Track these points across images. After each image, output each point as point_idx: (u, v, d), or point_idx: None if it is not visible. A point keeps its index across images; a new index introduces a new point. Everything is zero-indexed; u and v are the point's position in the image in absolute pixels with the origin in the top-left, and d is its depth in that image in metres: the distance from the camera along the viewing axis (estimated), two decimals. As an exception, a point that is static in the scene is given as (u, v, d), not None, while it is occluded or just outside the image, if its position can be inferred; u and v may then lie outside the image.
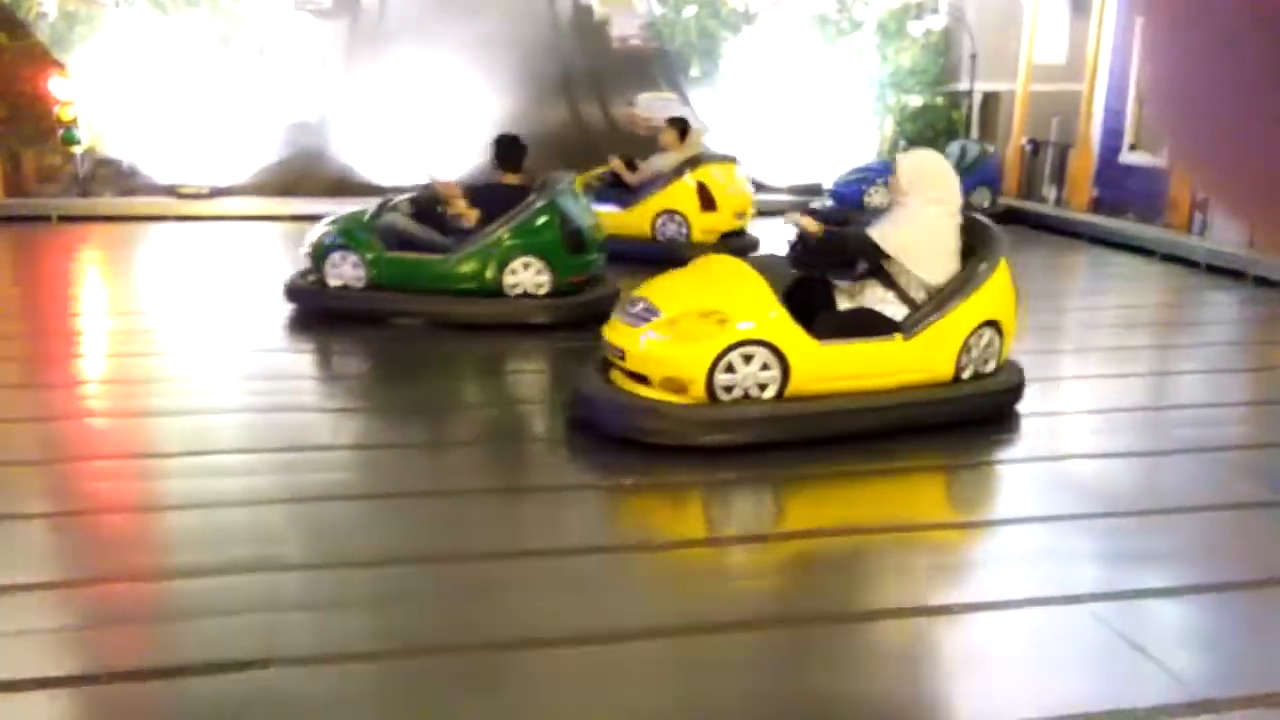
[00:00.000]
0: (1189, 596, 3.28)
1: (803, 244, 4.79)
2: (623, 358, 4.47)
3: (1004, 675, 2.84)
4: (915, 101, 13.73)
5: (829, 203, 11.81)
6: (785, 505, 4.18)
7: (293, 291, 6.82)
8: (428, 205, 6.94)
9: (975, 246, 4.81)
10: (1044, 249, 10.57)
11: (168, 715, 2.62)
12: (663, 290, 4.61)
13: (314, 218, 11.05)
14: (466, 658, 2.86)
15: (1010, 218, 12.01)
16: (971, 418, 4.75)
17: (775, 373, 4.33)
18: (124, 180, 11.63)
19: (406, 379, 5.65)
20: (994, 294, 4.76)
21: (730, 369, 4.29)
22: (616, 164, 8.78)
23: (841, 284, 4.77)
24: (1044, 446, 4.75)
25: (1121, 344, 6.73)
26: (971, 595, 3.31)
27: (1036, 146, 12.67)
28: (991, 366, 4.86)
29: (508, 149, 6.87)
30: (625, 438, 4.34)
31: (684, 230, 8.48)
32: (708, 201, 8.40)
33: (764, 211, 12.59)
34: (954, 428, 4.69)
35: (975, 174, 11.79)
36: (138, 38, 11.40)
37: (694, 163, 8.52)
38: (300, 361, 6.13)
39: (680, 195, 8.46)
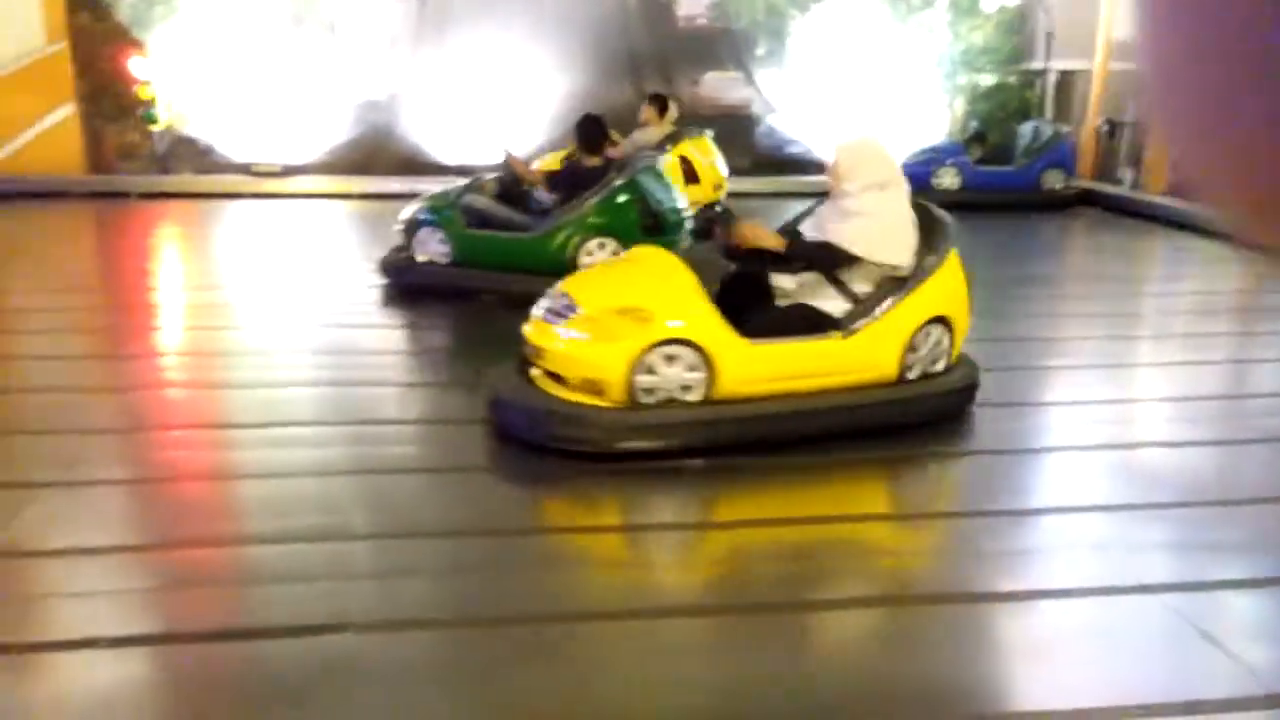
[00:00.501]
0: (1266, 589, 3.20)
1: (759, 256, 4.40)
2: (539, 356, 4.19)
3: (1071, 662, 2.80)
4: (987, 80, 13.43)
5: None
6: (847, 489, 4.14)
7: (386, 266, 6.99)
8: (511, 184, 7.04)
9: (925, 236, 4.47)
10: (1120, 233, 10.30)
11: (246, 676, 2.71)
12: (585, 284, 4.34)
13: (383, 196, 11.30)
14: (526, 628, 2.90)
15: (1085, 200, 11.72)
16: (921, 419, 4.42)
17: (701, 375, 4.04)
18: (201, 158, 11.92)
19: (478, 355, 5.71)
20: (942, 288, 4.45)
21: (651, 371, 4.01)
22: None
23: (780, 279, 4.45)
24: (1116, 434, 4.65)
25: (1199, 330, 6.54)
26: (1037, 582, 3.26)
27: (1114, 127, 12.31)
28: (941, 365, 4.52)
29: (589, 130, 6.89)
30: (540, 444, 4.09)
31: None
32: (690, 175, 8.37)
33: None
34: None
35: (1047, 156, 11.51)
36: (214, 17, 11.64)
37: (674, 138, 8.53)
38: (375, 336, 6.23)
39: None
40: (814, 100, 13.01)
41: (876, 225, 4.31)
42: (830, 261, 4.34)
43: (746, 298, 4.35)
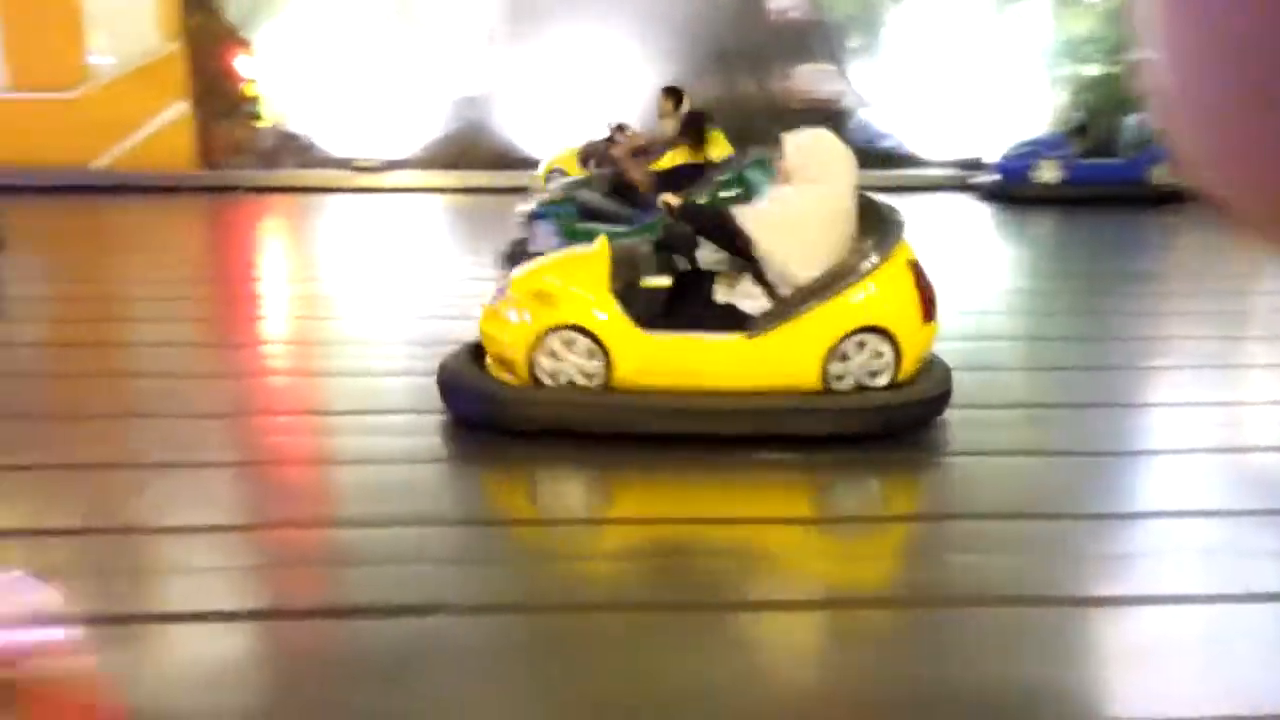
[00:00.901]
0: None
1: (668, 218, 4.35)
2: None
3: (1177, 671, 2.71)
4: (1091, 71, 12.99)
5: (995, 177, 11.36)
6: (963, 484, 4.07)
7: (505, 258, 7.02)
8: (619, 179, 7.13)
9: (871, 237, 4.15)
10: (1229, 230, 9.85)
11: (342, 652, 2.80)
12: (525, 269, 4.45)
13: (478, 190, 11.51)
14: (613, 615, 2.93)
15: (1191, 196, 11.26)
16: (847, 434, 4.07)
17: (599, 363, 4.09)
18: (303, 154, 12.31)
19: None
20: (880, 295, 4.07)
21: (554, 355, 4.11)
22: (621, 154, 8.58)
23: (721, 282, 4.26)
24: (1225, 438, 4.46)
25: (1318, 331, 6.22)
26: (1142, 587, 3.16)
27: (1227, 119, 11.78)
28: (883, 381, 4.15)
29: (694, 125, 6.82)
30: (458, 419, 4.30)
31: None
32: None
33: (922, 186, 12.24)
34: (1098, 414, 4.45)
35: (1154, 149, 11.09)
36: (317, 17, 12.00)
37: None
38: (470, 327, 6.35)
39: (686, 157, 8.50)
40: (909, 94, 12.78)
41: (791, 221, 4.06)
42: (714, 228, 4.15)
43: (692, 293, 4.24)
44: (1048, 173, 11.00)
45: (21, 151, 11.28)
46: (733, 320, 4.11)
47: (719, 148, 8.27)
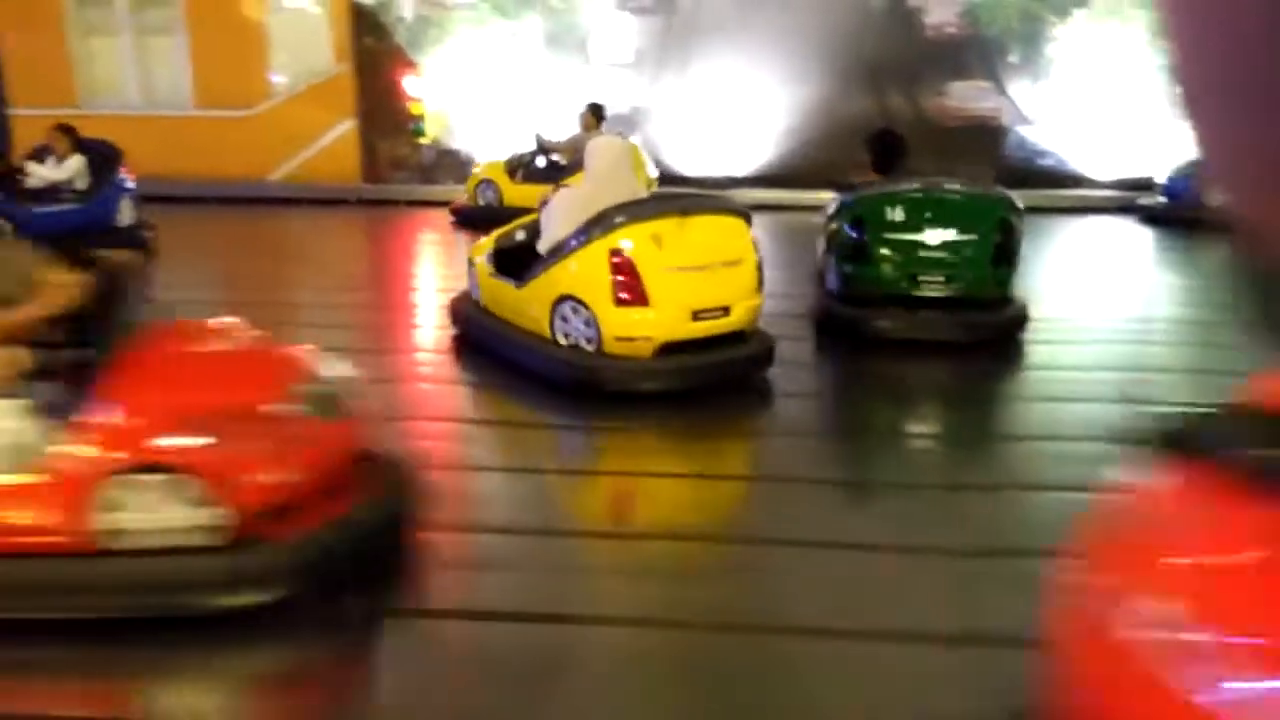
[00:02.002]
0: None
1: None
2: None
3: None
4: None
5: (1160, 199, 10.78)
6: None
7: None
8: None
9: (591, 223, 4.96)
10: None
11: (478, 653, 2.91)
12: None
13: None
14: (739, 637, 2.94)
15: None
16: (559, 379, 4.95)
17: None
18: (461, 169, 12.80)
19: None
20: (577, 271, 4.95)
21: None
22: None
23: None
24: None
25: None
26: None
27: None
28: (591, 346, 4.96)
29: (888, 147, 6.53)
30: None
31: None
32: None
33: (1085, 208, 11.73)
34: None
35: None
36: (479, 39, 12.48)
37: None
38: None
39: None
40: (1072, 111, 12.28)
41: (556, 204, 5.26)
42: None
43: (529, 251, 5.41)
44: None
45: (206, 165, 12.16)
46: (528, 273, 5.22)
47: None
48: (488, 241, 5.80)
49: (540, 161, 9.93)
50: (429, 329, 6.93)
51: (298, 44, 12.76)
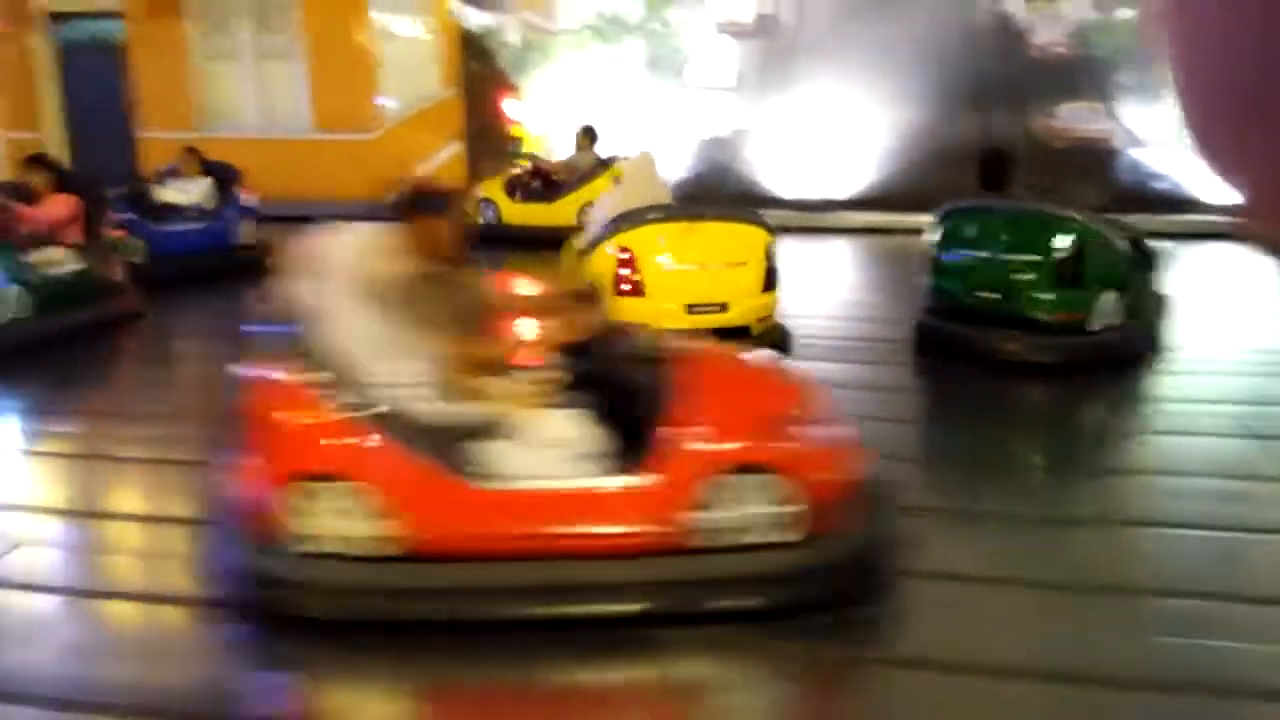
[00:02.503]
0: None
1: None
2: None
3: None
4: None
5: None
6: None
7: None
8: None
9: None
10: None
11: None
12: None
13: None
14: (839, 668, 2.89)
15: None
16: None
17: None
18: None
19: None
20: (595, 265, 5.54)
21: None
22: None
23: None
24: None
25: None
26: None
27: None
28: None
29: (995, 166, 6.31)
30: None
31: None
32: None
33: (1200, 233, 11.28)
34: None
35: None
36: (579, 63, 12.70)
37: (607, 163, 9.74)
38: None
39: (600, 190, 8.96)
40: (1185, 134, 11.84)
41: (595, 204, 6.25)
42: None
43: None
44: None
45: (324, 187, 12.62)
46: None
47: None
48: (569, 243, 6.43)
49: (536, 183, 10.27)
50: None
51: (409, 69, 13.18)
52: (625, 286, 5.44)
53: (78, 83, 13.89)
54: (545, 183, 10.20)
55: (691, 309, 5.44)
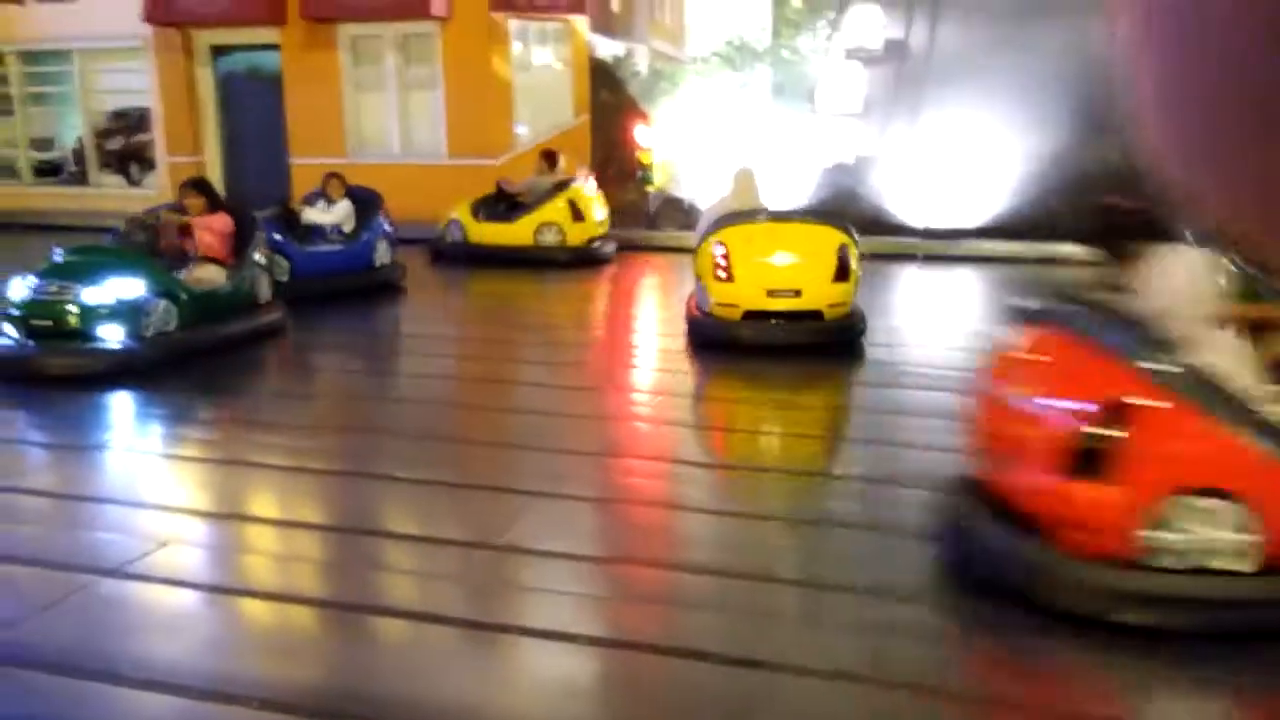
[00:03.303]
0: None
1: None
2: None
3: None
4: None
5: None
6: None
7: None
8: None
9: None
10: None
11: (674, 690, 2.97)
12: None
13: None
14: (932, 700, 2.84)
15: None
16: None
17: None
18: (684, 216, 13.13)
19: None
20: (700, 259, 6.91)
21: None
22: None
23: None
24: None
25: None
26: None
27: None
28: (706, 310, 6.91)
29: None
30: None
31: (560, 238, 10.65)
32: (577, 215, 10.63)
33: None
34: None
35: None
36: (709, 91, 12.82)
37: (563, 186, 10.75)
38: (867, 394, 6.45)
39: (555, 211, 10.64)
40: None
41: (704, 211, 7.38)
42: None
43: None
44: None
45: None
46: None
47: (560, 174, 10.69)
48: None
49: (501, 205, 10.96)
50: (646, 370, 7.13)
51: (542, 98, 13.56)
52: (720, 274, 6.70)
53: (236, 111, 14.81)
54: (509, 204, 10.92)
55: (771, 293, 6.65)
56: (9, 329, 6.24)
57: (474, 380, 6.73)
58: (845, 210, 12.47)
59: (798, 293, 6.65)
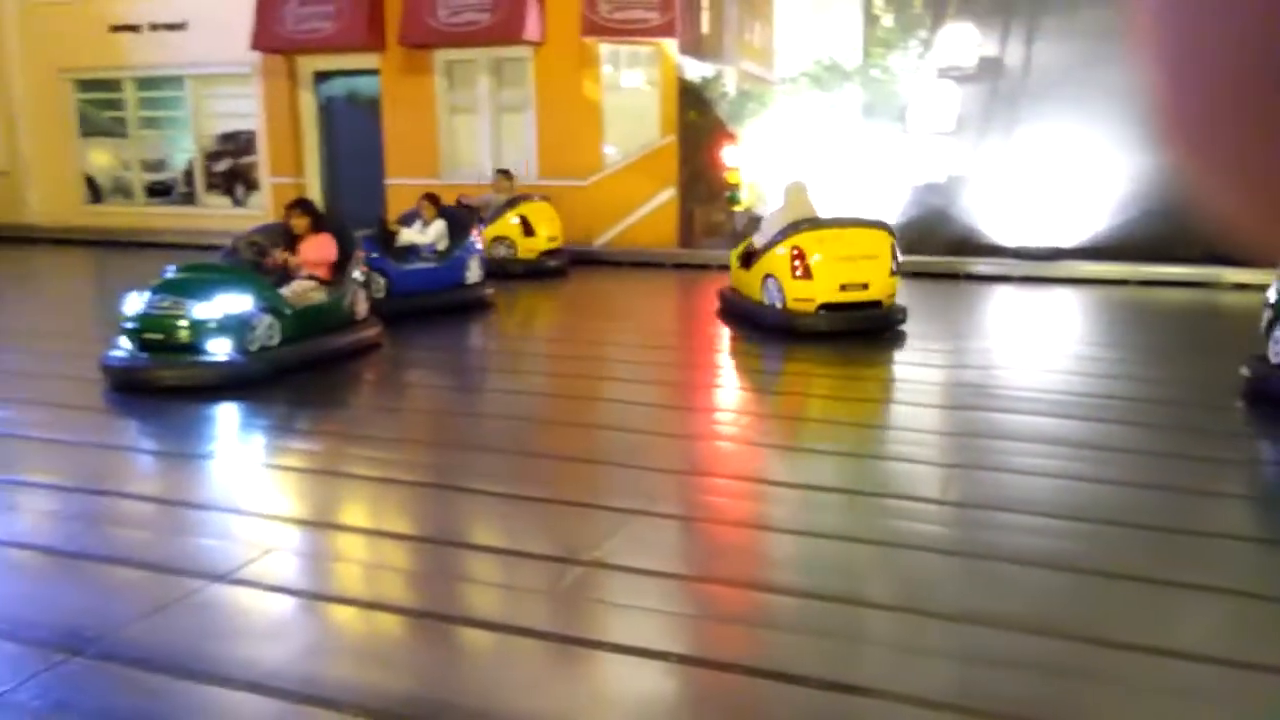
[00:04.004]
0: None
1: None
2: None
3: None
4: None
5: None
6: None
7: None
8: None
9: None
10: None
11: (756, 711, 2.95)
12: None
13: (930, 275, 11.44)
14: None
15: None
16: None
17: None
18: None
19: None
20: (775, 259, 8.10)
21: None
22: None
23: None
24: None
25: None
26: None
27: None
28: (780, 304, 8.09)
29: None
30: None
31: (512, 251, 11.45)
32: (528, 230, 11.54)
33: None
34: None
35: None
36: (798, 111, 12.78)
37: (515, 202, 11.67)
38: (908, 414, 6.34)
39: (507, 226, 11.52)
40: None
41: (765, 218, 8.74)
42: None
43: None
44: None
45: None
46: None
47: (541, 211, 11.67)
48: (740, 248, 8.96)
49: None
50: (730, 389, 7.12)
51: (630, 119, 13.70)
52: (798, 273, 7.91)
53: (335, 133, 15.33)
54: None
55: (843, 287, 7.90)
56: (123, 342, 6.54)
57: (568, 397, 6.81)
58: (936, 229, 12.35)
59: (865, 286, 7.95)
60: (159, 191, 16.90)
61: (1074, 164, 11.51)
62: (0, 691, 2.89)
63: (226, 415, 6.14)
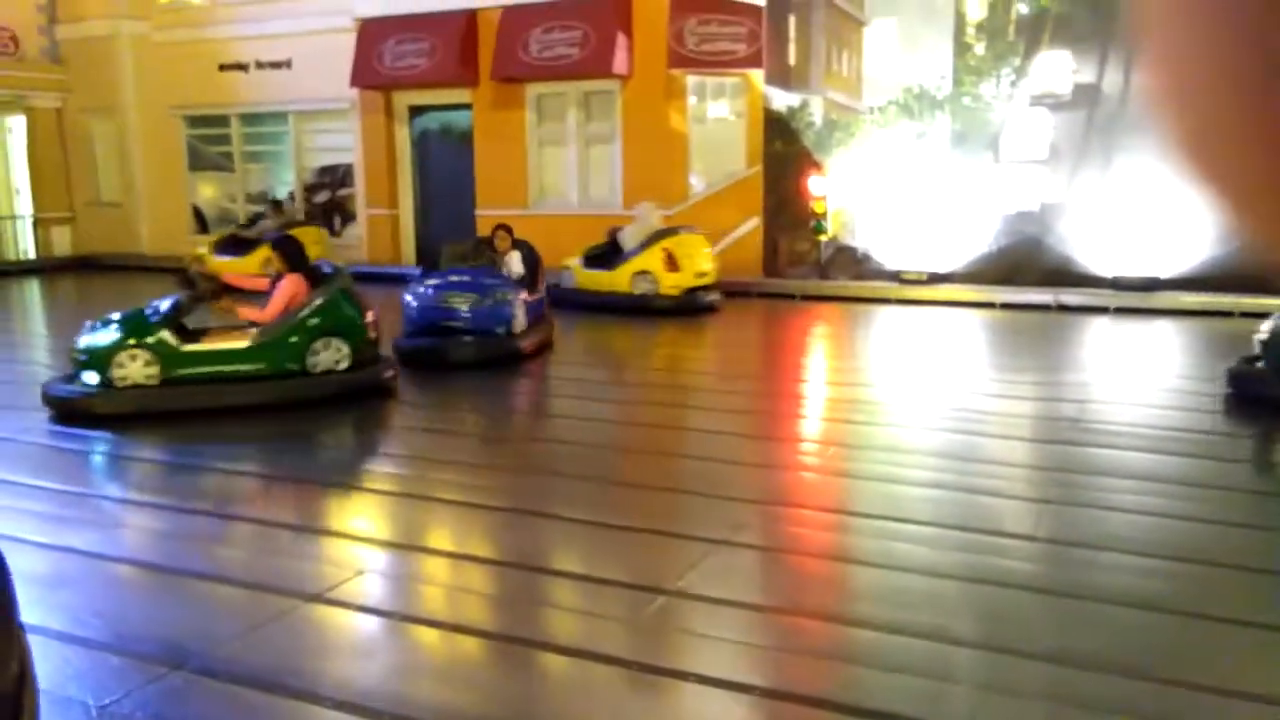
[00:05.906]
0: None
1: None
2: None
3: None
4: None
5: None
6: None
7: (1234, 375, 6.85)
8: None
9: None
10: None
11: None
12: None
13: (1025, 307, 11.18)
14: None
15: None
16: None
17: None
18: (857, 266, 12.98)
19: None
20: (649, 258, 11.05)
21: None
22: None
23: None
24: None
25: None
26: None
27: None
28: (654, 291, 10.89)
29: None
30: None
31: (654, 286, 11.13)
32: (672, 264, 11.14)
33: None
34: None
35: None
36: (886, 140, 12.68)
37: (662, 235, 11.37)
38: (997, 445, 6.20)
39: (651, 260, 11.19)
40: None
41: (623, 231, 11.76)
42: None
43: None
44: None
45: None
46: None
47: (690, 244, 11.69)
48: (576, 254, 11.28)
49: (607, 252, 12.00)
50: (814, 419, 7.06)
51: (716, 149, 13.78)
52: (670, 268, 10.84)
53: (428, 166, 15.77)
54: (615, 251, 11.86)
55: (698, 275, 11.24)
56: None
57: (649, 426, 6.84)
58: (1030, 259, 12.08)
59: (705, 274, 11.56)
60: (261, 222, 17.59)
61: (1173, 192, 11.16)
62: (106, 702, 3.03)
63: (299, 440, 6.33)
